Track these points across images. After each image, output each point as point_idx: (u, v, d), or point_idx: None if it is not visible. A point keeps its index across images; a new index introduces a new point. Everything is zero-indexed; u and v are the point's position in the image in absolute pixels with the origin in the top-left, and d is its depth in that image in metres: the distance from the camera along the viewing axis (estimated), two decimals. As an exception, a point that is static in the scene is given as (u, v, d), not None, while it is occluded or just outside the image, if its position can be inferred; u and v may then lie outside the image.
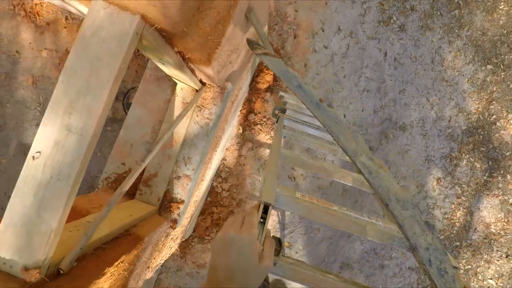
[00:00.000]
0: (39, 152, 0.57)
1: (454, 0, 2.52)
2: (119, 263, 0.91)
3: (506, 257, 2.56)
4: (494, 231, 2.56)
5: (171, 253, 1.87)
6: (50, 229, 0.59)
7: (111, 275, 0.88)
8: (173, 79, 1.25)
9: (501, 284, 2.56)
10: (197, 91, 1.27)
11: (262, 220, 0.58)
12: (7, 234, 0.59)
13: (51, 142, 0.56)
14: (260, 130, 2.42)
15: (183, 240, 2.33)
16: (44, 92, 2.44)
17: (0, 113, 2.44)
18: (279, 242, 0.61)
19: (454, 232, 2.55)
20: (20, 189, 0.59)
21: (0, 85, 2.40)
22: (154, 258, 1.42)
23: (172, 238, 1.60)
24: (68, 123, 0.56)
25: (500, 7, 2.51)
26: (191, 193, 1.43)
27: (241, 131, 2.41)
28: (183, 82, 1.23)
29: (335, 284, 0.54)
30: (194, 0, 0.60)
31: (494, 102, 2.55)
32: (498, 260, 2.55)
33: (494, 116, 2.56)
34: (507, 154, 2.53)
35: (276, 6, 2.51)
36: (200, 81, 1.26)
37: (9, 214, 0.59)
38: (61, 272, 0.68)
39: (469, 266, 2.55)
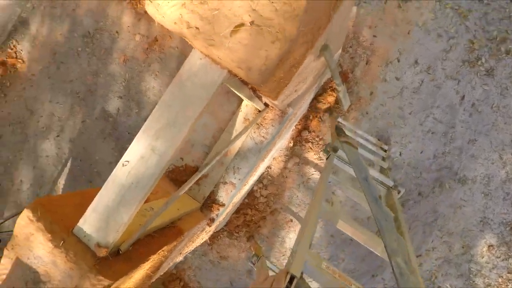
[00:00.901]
0: (127, 161, 0.72)
1: (563, 51, 2.23)
2: (161, 251, 1.06)
3: None
4: (544, 320, 2.27)
5: (201, 243, 2.04)
6: (122, 221, 0.75)
7: (152, 260, 1.04)
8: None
9: None
10: (259, 111, 1.37)
11: None
12: (92, 215, 0.76)
13: (138, 156, 0.71)
14: (310, 148, 2.46)
15: (215, 231, 2.50)
16: (131, 71, 2.78)
17: (94, 81, 2.85)
18: None
19: (494, 307, 2.32)
20: (108, 184, 0.75)
21: (99, 58, 2.80)
22: (187, 247, 1.59)
23: (206, 231, 1.75)
24: (154, 145, 0.69)
25: None
26: (232, 198, 1.56)
27: (291, 145, 2.48)
28: (249, 102, 1.34)
29: None
30: (275, 61, 0.69)
31: None
32: None
33: None
34: None
35: (354, 29, 2.48)
36: (264, 103, 1.35)
37: (97, 201, 0.76)
38: (120, 252, 0.84)
39: None
